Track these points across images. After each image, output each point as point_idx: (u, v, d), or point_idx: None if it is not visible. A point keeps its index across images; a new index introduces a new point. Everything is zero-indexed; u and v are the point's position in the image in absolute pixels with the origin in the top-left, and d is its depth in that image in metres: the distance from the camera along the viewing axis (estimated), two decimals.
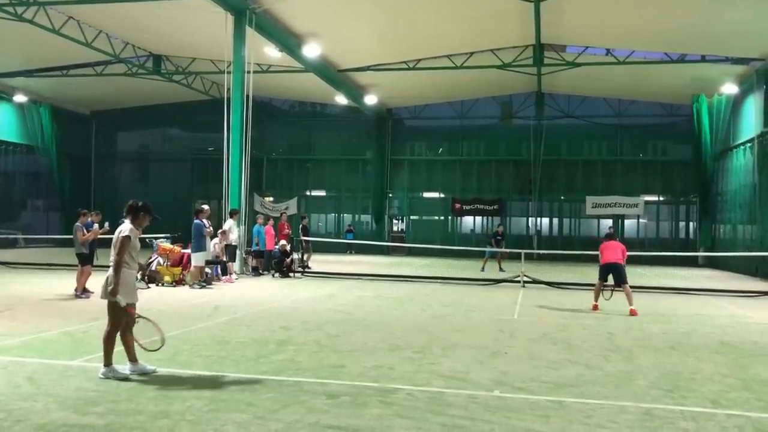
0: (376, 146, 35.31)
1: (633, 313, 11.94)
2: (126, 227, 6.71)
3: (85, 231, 13.27)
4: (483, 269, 21.85)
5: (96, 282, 14.13)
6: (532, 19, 20.63)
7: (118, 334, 6.56)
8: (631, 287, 12.59)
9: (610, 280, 12.58)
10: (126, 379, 6.33)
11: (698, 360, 8.07)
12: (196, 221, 15.47)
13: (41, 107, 32.68)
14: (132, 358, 6.59)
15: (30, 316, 10.35)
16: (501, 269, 21.71)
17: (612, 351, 8.52)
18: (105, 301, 6.60)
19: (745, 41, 21.38)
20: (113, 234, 6.92)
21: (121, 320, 6.52)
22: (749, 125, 24.57)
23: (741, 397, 6.34)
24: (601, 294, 12.75)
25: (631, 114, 32.80)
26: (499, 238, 23.17)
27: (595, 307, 12.57)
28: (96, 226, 13.68)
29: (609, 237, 13.44)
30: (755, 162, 23.17)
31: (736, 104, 26.43)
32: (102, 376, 6.35)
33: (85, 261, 13.25)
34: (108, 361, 6.43)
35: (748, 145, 24.32)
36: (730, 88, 25.42)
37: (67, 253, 18.65)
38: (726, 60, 23.83)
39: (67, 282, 14.11)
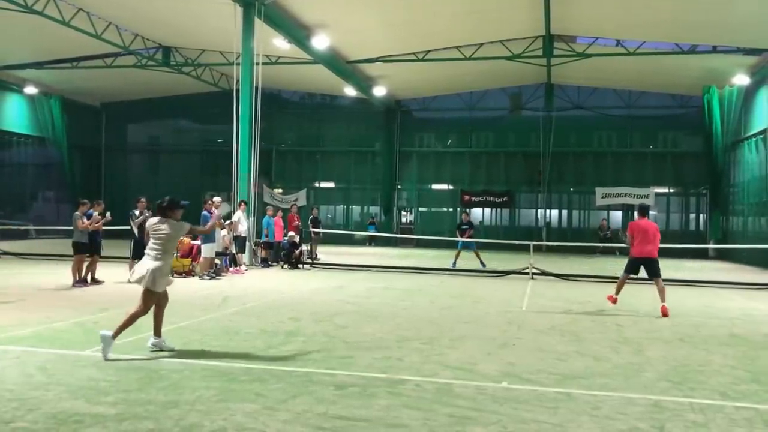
0: (384, 138, 35.23)
1: (664, 311, 10.66)
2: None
3: (84, 220, 13.35)
4: (454, 264, 19.26)
5: (103, 273, 14.28)
6: (542, 9, 20.51)
7: (151, 310, 7.27)
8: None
9: (639, 272, 11.25)
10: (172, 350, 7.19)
11: (707, 352, 8.05)
12: (204, 212, 15.53)
13: (52, 99, 32.78)
14: (157, 332, 7.27)
15: (41, 306, 10.43)
16: (482, 263, 18.96)
17: (621, 343, 8.51)
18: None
19: (757, 32, 21.14)
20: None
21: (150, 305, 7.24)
22: (761, 116, 24.35)
23: (750, 389, 6.33)
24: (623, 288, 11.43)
25: (642, 105, 32.49)
26: (464, 227, 19.85)
27: (615, 300, 11.36)
28: (96, 215, 13.68)
29: (642, 212, 11.38)
30: (767, 154, 22.99)
31: (747, 95, 26.16)
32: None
33: (82, 250, 13.35)
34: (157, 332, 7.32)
35: (760, 136, 24.11)
36: (741, 79, 25.15)
37: None
38: (737, 51, 23.55)
39: None
